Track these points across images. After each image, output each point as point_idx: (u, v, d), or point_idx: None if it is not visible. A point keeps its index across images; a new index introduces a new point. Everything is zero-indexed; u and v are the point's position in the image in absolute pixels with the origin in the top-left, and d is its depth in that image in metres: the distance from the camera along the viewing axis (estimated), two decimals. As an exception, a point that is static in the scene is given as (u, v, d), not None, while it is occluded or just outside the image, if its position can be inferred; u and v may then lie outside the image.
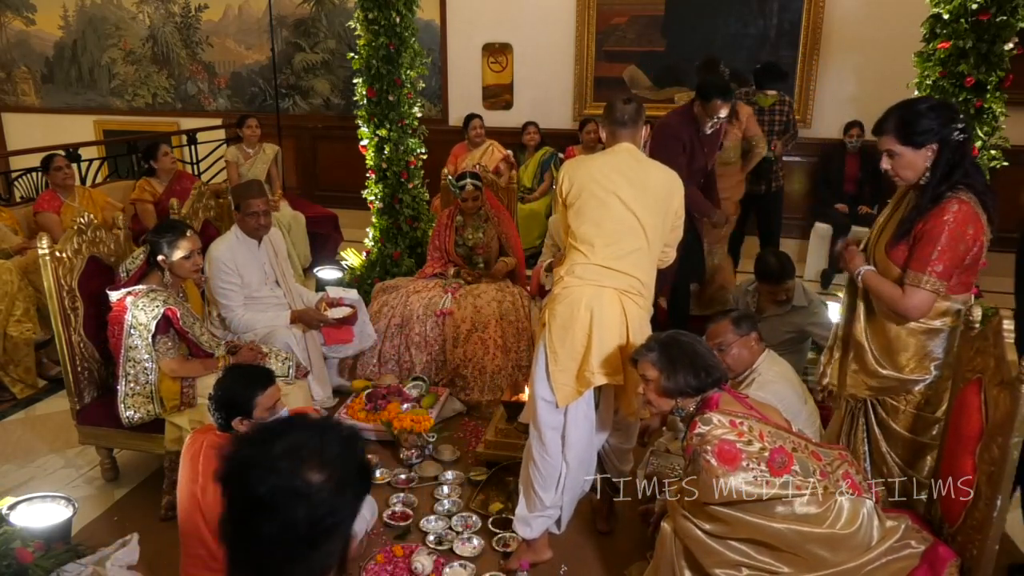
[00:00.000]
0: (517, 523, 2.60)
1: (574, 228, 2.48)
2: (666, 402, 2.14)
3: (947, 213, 2.14)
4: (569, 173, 2.54)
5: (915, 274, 2.18)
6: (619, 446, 2.75)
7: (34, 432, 3.68)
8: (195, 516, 2.21)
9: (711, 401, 2.06)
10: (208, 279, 3.48)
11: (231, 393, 2.22)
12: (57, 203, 4.63)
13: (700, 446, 1.95)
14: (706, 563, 2.01)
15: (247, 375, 2.29)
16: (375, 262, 4.98)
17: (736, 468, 1.90)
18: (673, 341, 2.15)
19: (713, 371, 2.10)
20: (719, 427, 1.96)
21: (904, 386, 2.32)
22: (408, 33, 4.66)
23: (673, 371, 2.09)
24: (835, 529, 1.91)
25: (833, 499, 1.93)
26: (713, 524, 2.01)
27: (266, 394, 2.24)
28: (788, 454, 1.94)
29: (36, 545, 2.28)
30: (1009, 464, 1.83)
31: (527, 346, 3.96)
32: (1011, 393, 1.84)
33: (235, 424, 2.23)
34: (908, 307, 2.20)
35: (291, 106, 7.61)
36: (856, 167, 5.63)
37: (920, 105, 2.22)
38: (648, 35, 6.43)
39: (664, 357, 2.11)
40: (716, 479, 1.91)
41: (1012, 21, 3.60)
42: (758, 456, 1.92)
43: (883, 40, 5.78)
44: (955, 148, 2.17)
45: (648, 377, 2.14)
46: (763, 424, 2.00)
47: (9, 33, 8.33)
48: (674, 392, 2.11)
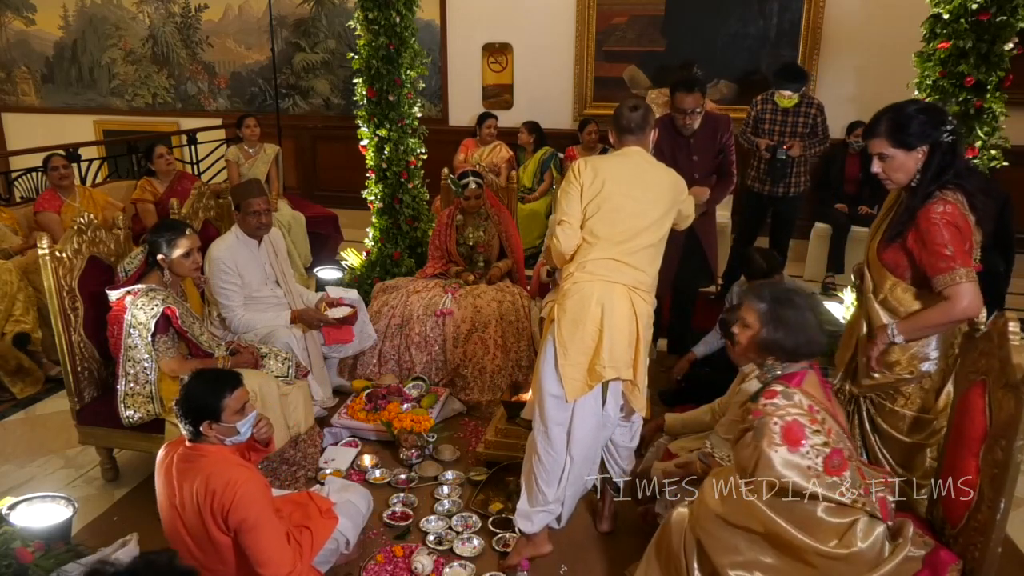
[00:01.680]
0: (518, 517, 2.61)
1: (589, 224, 2.51)
2: (754, 355, 2.09)
3: (933, 213, 2.17)
4: (593, 164, 2.56)
5: (942, 277, 2.16)
6: (623, 444, 2.75)
7: (34, 432, 3.68)
8: (178, 530, 2.20)
9: (797, 376, 2.00)
10: (208, 279, 3.47)
11: (200, 400, 2.17)
12: (57, 203, 4.63)
13: (772, 414, 1.91)
14: (721, 563, 1.99)
15: (213, 379, 2.24)
16: (375, 262, 4.98)
17: (795, 451, 1.87)
18: (787, 300, 2.05)
19: (812, 345, 2.02)
20: (797, 407, 1.92)
21: (895, 385, 2.34)
22: (408, 33, 4.66)
23: (774, 329, 2.01)
24: (850, 548, 1.89)
25: (858, 516, 1.91)
26: (726, 507, 1.99)
27: (234, 396, 2.20)
28: (844, 460, 1.91)
29: (36, 545, 2.28)
30: (1012, 467, 1.82)
31: (527, 346, 3.96)
32: (1015, 395, 1.83)
33: (204, 429, 2.17)
34: (962, 309, 2.15)
35: (291, 106, 7.61)
36: (857, 168, 5.61)
37: (910, 107, 2.24)
38: (648, 35, 6.43)
39: (771, 312, 2.03)
40: (773, 451, 1.87)
41: (1012, 21, 3.60)
42: (819, 449, 1.88)
43: (883, 40, 5.78)
44: (946, 150, 2.19)
45: (747, 324, 2.08)
46: (834, 421, 1.97)
47: (9, 33, 8.32)
48: (766, 349, 2.04)
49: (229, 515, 2.09)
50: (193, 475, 2.14)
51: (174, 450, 2.25)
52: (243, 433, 2.27)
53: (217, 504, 2.09)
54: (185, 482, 2.15)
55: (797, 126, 4.84)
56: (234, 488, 2.09)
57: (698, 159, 3.81)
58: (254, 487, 2.15)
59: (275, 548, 2.15)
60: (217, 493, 2.09)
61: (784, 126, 4.83)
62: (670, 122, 3.80)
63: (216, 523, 2.12)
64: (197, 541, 2.19)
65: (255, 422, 2.33)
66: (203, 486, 2.11)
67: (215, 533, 2.14)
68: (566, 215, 2.53)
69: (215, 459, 2.17)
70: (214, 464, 2.15)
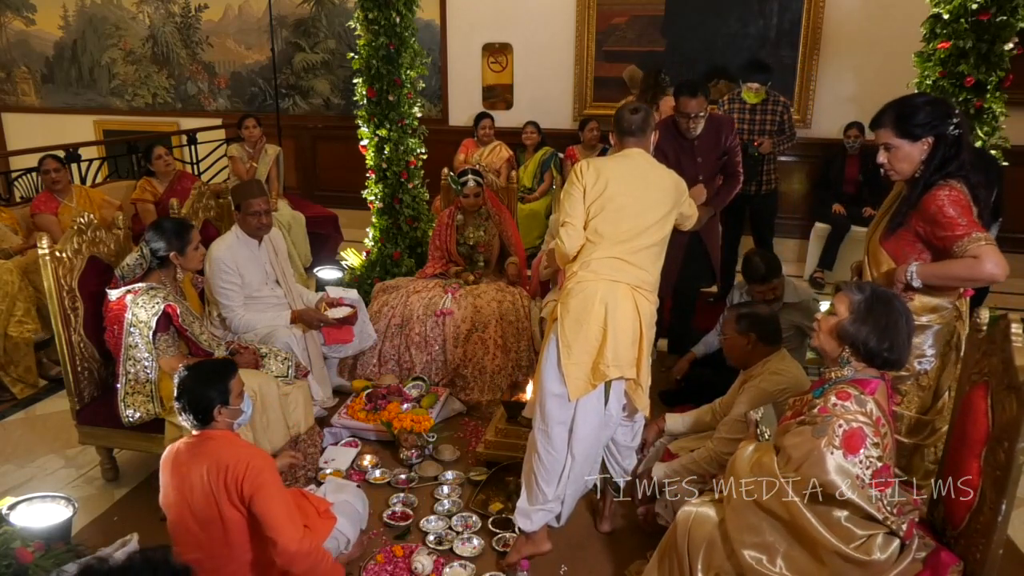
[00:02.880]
0: (517, 515, 2.62)
1: (592, 223, 2.52)
2: (833, 343, 2.03)
3: (938, 197, 2.19)
4: (596, 165, 2.57)
5: (962, 241, 2.15)
6: (625, 444, 2.76)
7: (34, 432, 3.68)
8: (185, 519, 2.21)
9: (872, 384, 1.97)
10: (208, 279, 3.48)
11: (208, 387, 2.23)
12: (54, 204, 4.62)
13: (840, 416, 1.89)
14: (742, 540, 1.98)
15: (212, 368, 2.31)
16: (375, 262, 4.98)
17: (850, 458, 1.86)
18: (886, 300, 1.99)
19: (894, 353, 1.96)
20: (867, 415, 1.90)
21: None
22: (408, 33, 4.66)
23: (863, 322, 1.96)
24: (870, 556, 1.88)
25: (879, 531, 1.90)
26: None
27: (235, 379, 2.30)
28: (891, 476, 1.91)
29: (36, 545, 2.27)
30: (1015, 469, 1.82)
31: (527, 346, 3.95)
32: (1018, 397, 1.83)
33: (216, 415, 2.23)
34: (988, 270, 2.13)
35: (291, 106, 7.60)
36: (856, 169, 5.62)
37: (917, 99, 2.28)
38: (648, 35, 6.43)
39: (866, 306, 1.97)
40: (829, 452, 1.86)
41: (1012, 21, 3.60)
42: (872, 461, 1.87)
43: (883, 40, 5.78)
44: (951, 143, 2.21)
45: (837, 311, 2.03)
46: (891, 438, 1.96)
47: (9, 33, 8.32)
48: (848, 340, 1.98)
49: (244, 484, 2.14)
50: (202, 459, 2.19)
51: (179, 445, 2.29)
52: (247, 413, 2.38)
53: (231, 477, 2.14)
54: (194, 467, 2.19)
55: (765, 124, 4.97)
56: (247, 459, 2.17)
57: (702, 161, 3.81)
58: (264, 460, 2.23)
59: (288, 514, 2.21)
60: (230, 467, 2.15)
61: (752, 124, 4.92)
62: (673, 125, 3.80)
63: (230, 499, 2.16)
64: (205, 525, 2.20)
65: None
66: (215, 464, 2.16)
67: (227, 511, 2.17)
68: (569, 216, 2.53)
69: (223, 441, 2.24)
70: (223, 445, 2.22)
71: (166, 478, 2.27)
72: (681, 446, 2.85)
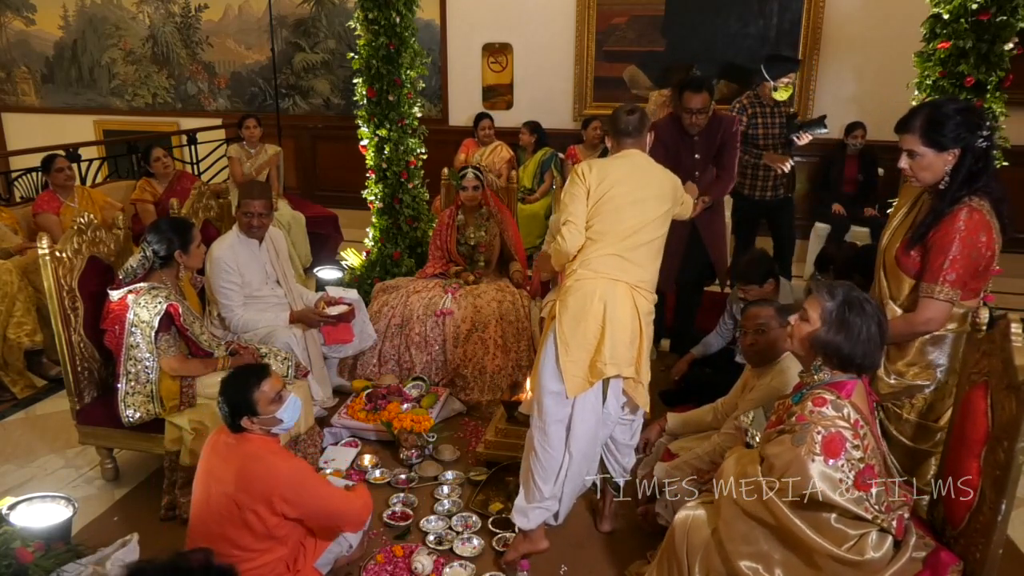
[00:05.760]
0: (515, 513, 2.62)
1: (593, 223, 2.53)
2: (804, 352, 2.03)
3: (959, 220, 2.11)
4: (599, 166, 2.58)
5: (928, 285, 2.15)
6: (624, 442, 2.76)
7: (34, 432, 3.68)
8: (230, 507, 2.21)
9: (848, 386, 1.95)
10: (209, 278, 3.48)
11: (232, 398, 2.25)
12: (56, 204, 4.63)
13: (817, 423, 1.88)
14: (737, 551, 1.97)
15: (239, 378, 2.31)
16: (375, 262, 4.98)
17: (831, 463, 1.85)
18: (858, 305, 1.95)
19: (869, 358, 1.95)
20: (845, 420, 1.89)
21: (909, 391, 2.32)
22: (408, 33, 4.66)
23: (836, 331, 1.93)
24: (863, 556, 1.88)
25: (870, 530, 1.90)
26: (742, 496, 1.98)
27: (263, 388, 2.26)
28: (874, 475, 1.90)
29: (36, 545, 2.27)
30: (1014, 468, 1.82)
31: (527, 346, 3.95)
32: (1017, 397, 1.83)
33: (245, 424, 2.26)
34: (922, 321, 2.17)
35: (291, 106, 7.61)
36: (855, 169, 5.62)
37: (949, 107, 2.15)
38: (648, 35, 6.43)
39: (838, 315, 1.94)
40: (810, 460, 1.85)
41: (1012, 21, 3.60)
42: (854, 464, 1.86)
43: (883, 40, 5.78)
44: (979, 155, 2.13)
45: (808, 318, 2.01)
46: (872, 436, 1.95)
47: (9, 33, 8.32)
48: (819, 350, 1.97)
49: (274, 498, 2.16)
50: (233, 461, 2.23)
51: (217, 436, 2.34)
52: (288, 421, 2.34)
53: (258, 491, 2.16)
54: (226, 464, 2.23)
55: (783, 119, 4.55)
56: (275, 474, 2.18)
57: (700, 157, 3.84)
58: (293, 466, 2.24)
59: (339, 496, 2.28)
60: (255, 480, 2.17)
61: (774, 127, 4.52)
62: (676, 120, 3.82)
63: (253, 506, 2.18)
64: (222, 515, 2.24)
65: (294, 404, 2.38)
66: (243, 474, 2.18)
67: (248, 515, 2.18)
68: (572, 216, 2.53)
69: (257, 449, 2.24)
70: (254, 455, 2.22)
71: (208, 462, 2.31)
72: (681, 446, 2.85)
